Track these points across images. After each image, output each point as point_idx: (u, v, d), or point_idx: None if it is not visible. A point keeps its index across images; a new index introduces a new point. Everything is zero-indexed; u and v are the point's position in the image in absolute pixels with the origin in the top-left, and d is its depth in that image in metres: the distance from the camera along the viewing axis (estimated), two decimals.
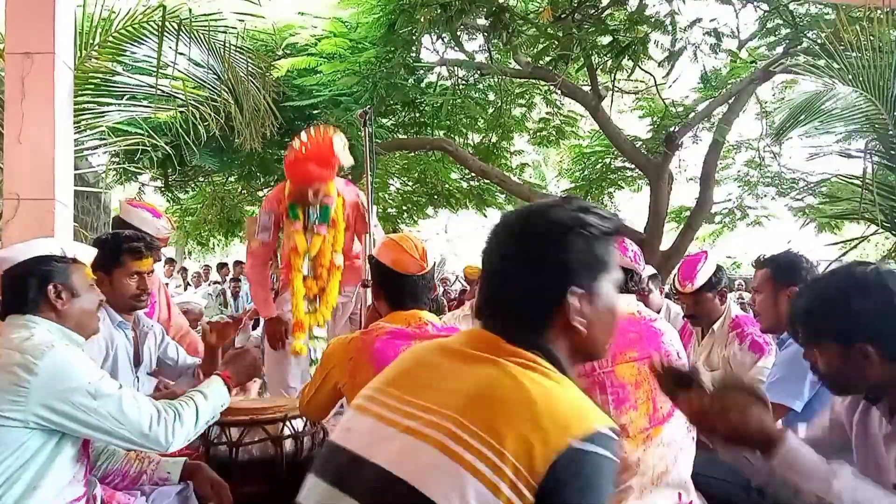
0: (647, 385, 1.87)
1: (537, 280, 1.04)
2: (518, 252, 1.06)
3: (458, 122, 9.00)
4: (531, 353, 1.01)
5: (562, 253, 1.04)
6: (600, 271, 1.07)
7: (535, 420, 0.91)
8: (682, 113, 8.23)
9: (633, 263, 1.98)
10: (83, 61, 4.20)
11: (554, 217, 1.06)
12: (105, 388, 1.61)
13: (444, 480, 0.90)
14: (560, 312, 1.03)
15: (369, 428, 1.02)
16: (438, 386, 1.00)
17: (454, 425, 0.93)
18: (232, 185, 10.65)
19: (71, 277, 1.76)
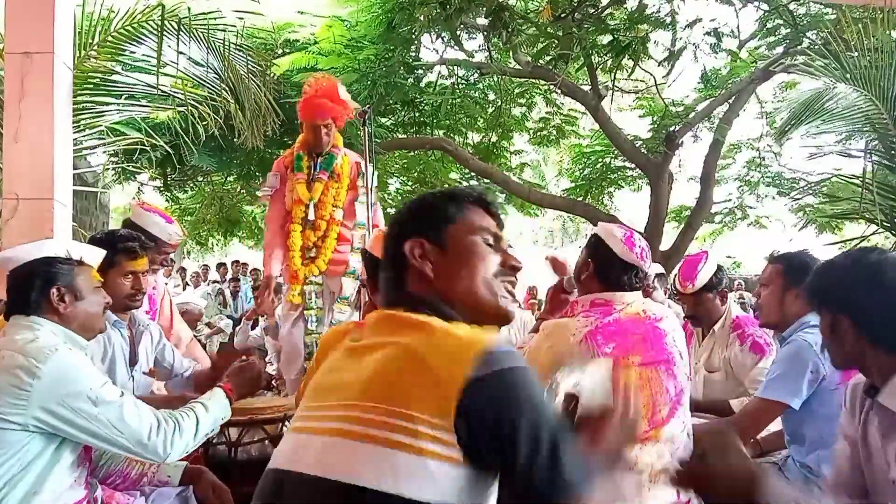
0: (649, 390, 1.86)
1: (389, 242, 1.19)
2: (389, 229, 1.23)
3: (457, 121, 9.00)
4: (405, 310, 1.08)
5: (406, 213, 1.22)
6: (445, 223, 1.16)
7: (427, 371, 0.94)
8: (683, 112, 8.23)
9: (639, 260, 1.96)
10: (82, 61, 4.19)
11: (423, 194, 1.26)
12: (107, 395, 1.60)
13: (369, 463, 0.91)
14: (409, 264, 1.14)
15: (290, 444, 1.06)
16: (338, 385, 1.04)
17: (359, 412, 0.95)
18: (231, 184, 10.65)
19: (75, 280, 1.75)
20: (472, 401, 0.90)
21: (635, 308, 1.93)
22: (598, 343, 1.84)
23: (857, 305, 1.41)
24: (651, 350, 1.88)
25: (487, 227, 1.19)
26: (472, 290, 1.13)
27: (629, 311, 1.91)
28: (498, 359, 0.93)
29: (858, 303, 1.41)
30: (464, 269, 1.14)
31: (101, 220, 9.20)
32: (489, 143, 9.66)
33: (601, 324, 1.87)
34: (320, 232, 3.49)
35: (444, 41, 7.81)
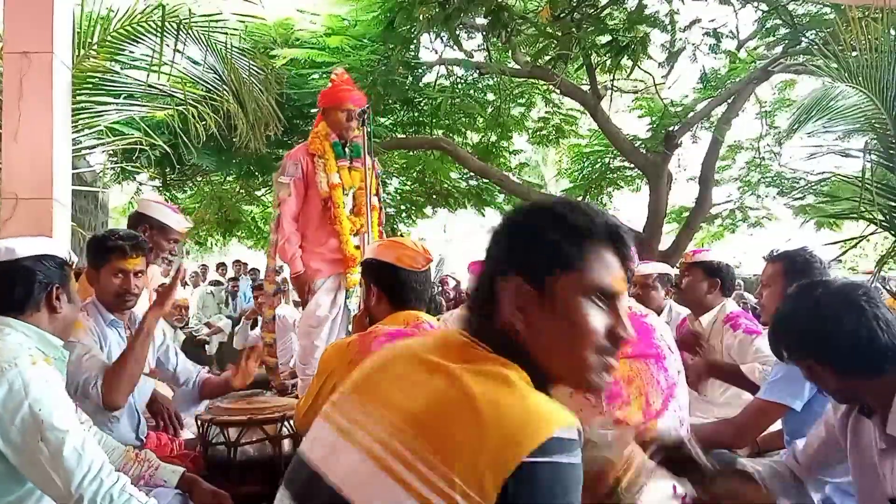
0: (640, 381, 1.87)
1: (485, 265, 1.01)
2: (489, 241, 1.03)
3: (456, 121, 9.00)
4: (482, 348, 0.96)
5: (505, 237, 0.99)
6: (557, 267, 0.95)
7: (484, 439, 0.84)
8: (682, 112, 8.23)
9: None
10: (81, 60, 4.19)
11: (532, 206, 1.02)
12: (56, 420, 1.48)
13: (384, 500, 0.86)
14: (498, 304, 0.97)
15: (327, 438, 0.98)
16: (390, 394, 0.95)
17: (400, 444, 0.88)
18: (230, 184, 10.64)
19: (69, 284, 1.74)
20: (518, 488, 0.82)
21: None
22: None
23: (815, 348, 1.43)
24: (640, 343, 1.90)
25: (607, 285, 0.97)
26: (564, 360, 0.98)
27: None
28: (559, 447, 0.85)
29: (814, 345, 1.43)
30: (563, 334, 0.97)
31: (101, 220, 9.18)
32: (488, 142, 9.66)
33: None
34: (363, 218, 3.47)
35: (444, 41, 7.81)
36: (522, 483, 0.82)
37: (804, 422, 2.12)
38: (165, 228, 2.91)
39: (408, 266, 2.08)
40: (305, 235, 3.51)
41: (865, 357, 1.36)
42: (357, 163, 3.49)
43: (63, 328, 1.73)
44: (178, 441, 2.58)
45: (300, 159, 3.49)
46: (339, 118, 3.47)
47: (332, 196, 3.44)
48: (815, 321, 1.41)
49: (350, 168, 3.51)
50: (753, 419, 2.23)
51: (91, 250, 2.31)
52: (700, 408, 2.96)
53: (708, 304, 3.04)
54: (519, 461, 0.82)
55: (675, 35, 6.89)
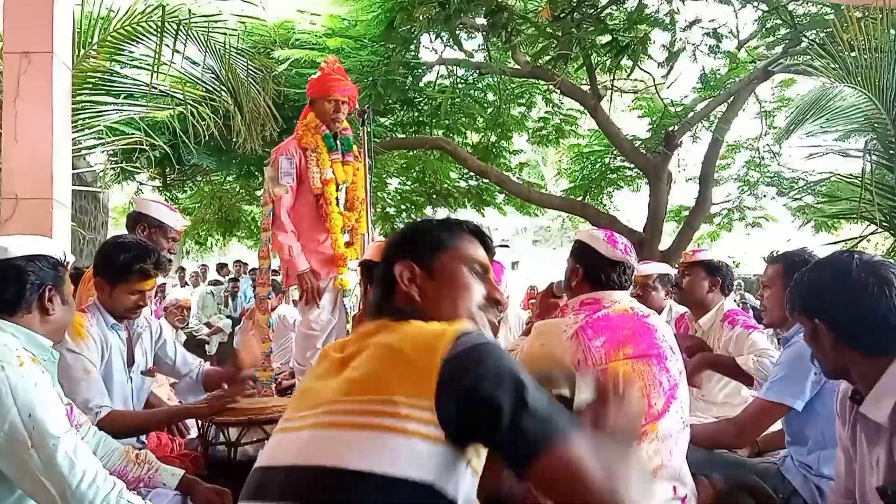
0: (641, 382, 1.88)
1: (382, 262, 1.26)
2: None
3: (456, 121, 9.00)
4: (386, 319, 1.14)
5: (401, 235, 1.29)
6: (437, 249, 1.22)
7: (406, 361, 0.99)
8: (682, 112, 8.23)
9: (624, 255, 2.00)
10: (81, 60, 4.19)
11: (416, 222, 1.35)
12: (48, 425, 1.44)
13: (355, 448, 0.95)
14: (396, 284, 1.20)
15: (276, 442, 1.09)
16: (324, 388, 1.07)
17: (344, 404, 1.00)
18: (230, 184, 10.64)
19: (63, 285, 1.68)
20: (450, 376, 0.95)
21: (623, 305, 1.97)
22: (589, 337, 1.87)
23: (828, 309, 1.42)
24: (641, 343, 1.91)
25: (477, 258, 1.24)
26: (454, 317, 1.15)
27: (618, 308, 1.96)
28: (469, 338, 1.00)
29: (830, 306, 1.42)
30: (449, 296, 1.20)
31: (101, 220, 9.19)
32: (488, 142, 9.66)
33: (591, 319, 1.91)
34: (356, 213, 3.43)
35: (444, 41, 7.81)
36: (451, 376, 0.95)
37: (805, 422, 2.13)
38: (164, 227, 2.91)
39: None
40: (300, 233, 3.42)
41: (874, 333, 1.36)
42: (349, 156, 3.44)
43: (55, 330, 1.67)
44: (178, 441, 2.58)
45: (293, 154, 3.39)
46: (327, 108, 3.40)
47: (324, 192, 3.37)
48: (841, 282, 1.41)
49: (343, 162, 3.44)
50: (754, 419, 2.23)
51: (108, 265, 2.24)
52: (699, 407, 2.96)
53: (708, 303, 3.05)
54: (440, 359, 0.97)
55: (675, 35, 6.89)
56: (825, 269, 1.47)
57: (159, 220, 2.90)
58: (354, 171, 3.41)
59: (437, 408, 0.94)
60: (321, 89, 3.43)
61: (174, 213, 3.01)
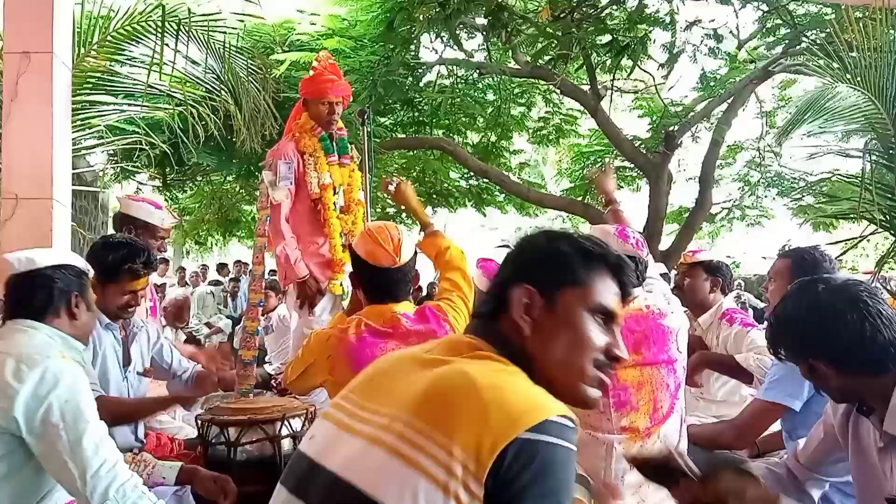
0: (650, 386, 1.87)
1: (500, 275, 1.11)
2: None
3: (457, 121, 9.00)
4: (486, 343, 1.04)
5: (524, 252, 1.12)
6: (565, 282, 1.07)
7: (484, 413, 0.89)
8: (682, 112, 8.23)
9: (636, 249, 1.96)
10: (81, 60, 4.19)
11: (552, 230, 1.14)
12: (83, 411, 1.57)
13: (395, 483, 0.89)
14: (508, 307, 1.06)
15: (327, 433, 1.03)
16: (392, 390, 1.00)
17: (403, 426, 0.92)
18: (230, 183, 10.64)
19: (87, 292, 1.83)
20: (513, 455, 0.87)
21: (637, 303, 1.93)
22: None
23: (814, 347, 1.40)
24: (653, 347, 1.89)
25: (609, 305, 1.09)
26: (562, 366, 1.05)
27: (631, 308, 1.91)
28: (554, 429, 0.90)
29: (814, 345, 1.40)
30: (564, 341, 1.06)
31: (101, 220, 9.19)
32: (488, 142, 9.66)
33: None
34: (352, 216, 3.39)
35: (444, 41, 7.81)
36: (518, 456, 0.86)
37: (803, 422, 2.13)
38: (150, 227, 2.89)
39: (375, 263, 2.07)
40: (298, 237, 3.36)
41: (868, 354, 1.34)
42: (345, 158, 3.39)
43: (82, 333, 1.81)
44: (177, 441, 2.58)
45: (291, 158, 3.32)
46: (321, 110, 3.32)
47: (322, 197, 3.31)
48: (816, 318, 1.38)
49: (339, 164, 3.39)
50: (753, 420, 2.23)
51: (100, 265, 2.25)
52: (699, 406, 2.97)
53: (709, 303, 3.05)
54: (516, 435, 0.86)
55: (675, 35, 6.89)
56: (795, 310, 1.44)
57: (144, 220, 2.87)
58: (350, 173, 3.37)
59: (486, 483, 0.86)
60: (315, 91, 3.34)
61: (160, 210, 2.97)
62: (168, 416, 2.86)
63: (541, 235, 1.14)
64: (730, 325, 2.91)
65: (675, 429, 1.89)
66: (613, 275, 1.11)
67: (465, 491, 0.86)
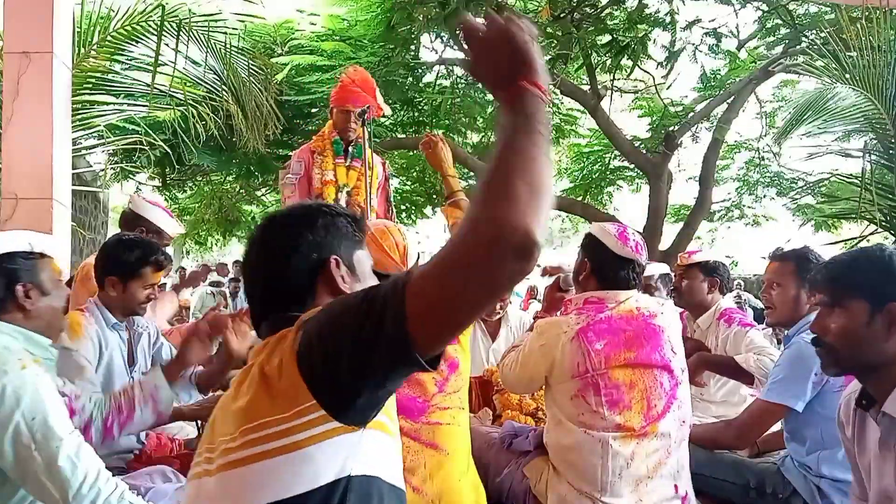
0: (642, 385, 1.87)
1: (294, 258, 1.08)
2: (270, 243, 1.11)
3: (456, 120, 9.00)
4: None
5: (311, 230, 1.10)
6: (354, 247, 1.14)
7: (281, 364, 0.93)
8: (682, 112, 8.23)
9: (635, 253, 1.96)
10: (81, 60, 4.19)
11: (294, 210, 1.16)
12: (53, 428, 1.43)
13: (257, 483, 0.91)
14: (323, 282, 1.08)
15: (191, 492, 1.03)
16: (223, 416, 1.01)
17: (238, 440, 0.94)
18: (230, 183, 10.64)
19: (40, 275, 1.61)
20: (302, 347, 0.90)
21: (629, 305, 1.94)
22: (590, 339, 1.86)
23: (875, 289, 1.38)
24: (644, 347, 1.89)
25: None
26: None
27: (622, 309, 1.93)
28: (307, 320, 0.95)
29: (877, 286, 1.38)
30: None
31: (101, 220, 9.19)
32: (488, 142, 9.65)
33: (593, 321, 1.89)
34: None
35: (444, 41, 7.81)
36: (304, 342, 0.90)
37: (805, 422, 2.12)
38: (161, 234, 2.90)
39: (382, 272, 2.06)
40: None
41: None
42: (356, 162, 3.50)
43: (47, 324, 1.63)
44: (178, 441, 2.58)
45: (303, 157, 3.53)
46: (340, 118, 3.50)
47: (322, 192, 3.46)
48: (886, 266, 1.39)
49: (348, 167, 3.53)
50: (755, 420, 2.23)
51: (120, 263, 2.22)
52: (698, 407, 2.96)
53: (708, 304, 3.04)
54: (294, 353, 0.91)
55: (675, 35, 6.89)
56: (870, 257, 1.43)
57: (157, 225, 2.88)
58: (359, 176, 3.46)
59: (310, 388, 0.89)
60: (336, 99, 3.54)
61: (172, 219, 3.00)
62: None
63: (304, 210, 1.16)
64: (728, 326, 2.90)
65: (674, 429, 1.89)
66: None
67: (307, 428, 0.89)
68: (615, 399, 1.84)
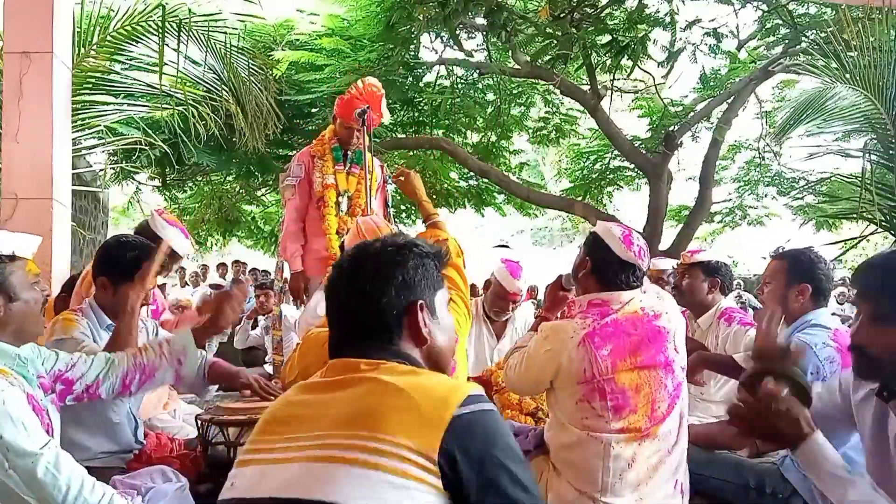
0: (648, 388, 1.87)
1: (385, 298, 1.14)
2: (363, 280, 1.15)
3: (456, 121, 9.00)
4: (391, 362, 1.10)
5: (403, 271, 1.16)
6: (436, 288, 1.20)
7: (416, 408, 0.99)
8: (681, 112, 8.24)
9: (637, 258, 1.96)
10: (81, 60, 4.19)
11: (385, 244, 1.19)
12: (23, 443, 1.37)
13: (349, 484, 0.94)
14: (407, 325, 1.15)
15: (251, 475, 1.04)
16: (315, 415, 1.05)
17: (342, 438, 0.98)
18: (230, 183, 10.64)
19: (8, 279, 1.53)
20: (458, 435, 0.97)
21: (633, 306, 1.93)
22: (596, 345, 1.84)
23: None
24: (650, 349, 1.89)
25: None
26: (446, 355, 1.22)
27: (627, 311, 1.92)
28: (477, 400, 1.02)
29: None
30: (447, 338, 1.21)
31: (101, 220, 9.20)
32: (488, 142, 9.66)
33: (598, 325, 1.87)
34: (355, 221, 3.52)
35: (443, 41, 7.82)
36: (460, 432, 0.97)
37: None
38: (174, 256, 2.92)
39: None
40: (307, 236, 3.59)
41: None
42: (356, 168, 3.57)
43: (17, 331, 1.55)
44: (178, 441, 2.58)
45: (303, 161, 3.59)
46: (343, 132, 3.57)
47: (323, 196, 3.53)
48: None
49: (348, 173, 3.59)
50: None
51: (115, 264, 2.22)
52: (698, 407, 2.96)
53: (708, 304, 3.05)
54: (451, 414, 0.98)
55: (675, 35, 6.90)
56: None
57: (172, 248, 2.89)
58: (359, 182, 3.50)
59: (439, 463, 0.95)
60: (340, 112, 3.58)
61: (186, 240, 3.02)
62: (168, 415, 2.86)
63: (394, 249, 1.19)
64: (728, 325, 2.90)
65: (674, 427, 1.89)
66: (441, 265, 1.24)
67: (419, 469, 0.94)
68: (621, 404, 1.83)
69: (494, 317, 3.54)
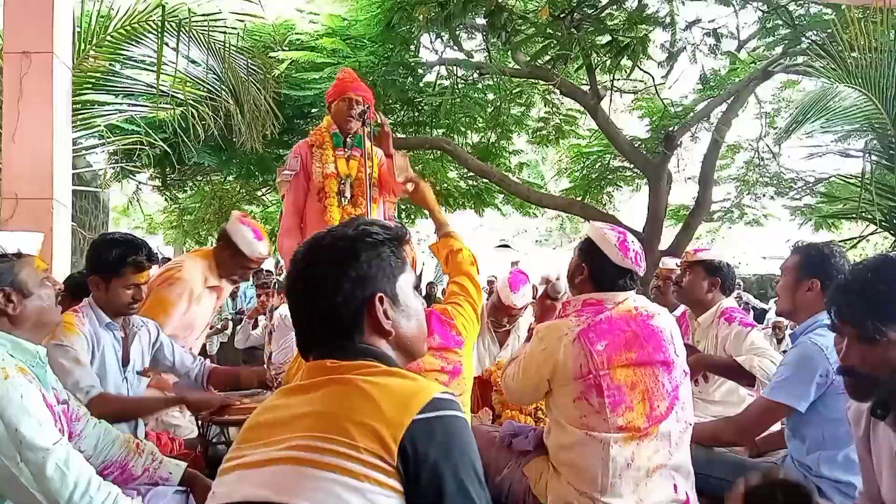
0: (643, 385, 1.87)
1: (340, 297, 1.10)
2: (315, 279, 1.11)
3: (456, 121, 8.99)
4: (358, 359, 1.08)
5: (356, 266, 1.11)
6: (396, 274, 1.14)
7: (377, 410, 0.98)
8: (681, 113, 8.24)
9: (634, 265, 1.96)
10: (81, 60, 4.19)
11: (335, 238, 1.14)
12: (37, 438, 1.41)
13: (314, 489, 0.94)
14: (368, 320, 1.11)
15: (231, 480, 1.05)
16: (288, 418, 1.04)
17: (308, 440, 0.98)
18: (230, 183, 10.64)
19: (19, 276, 1.57)
20: (416, 438, 0.96)
21: (627, 305, 1.94)
22: (591, 341, 1.85)
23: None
24: (645, 347, 1.89)
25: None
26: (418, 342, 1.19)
27: (621, 309, 1.93)
28: (441, 404, 1.00)
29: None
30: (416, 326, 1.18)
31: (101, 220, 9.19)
32: (488, 142, 9.66)
33: (593, 322, 1.88)
34: (360, 209, 3.39)
35: (444, 41, 7.81)
36: (419, 436, 0.97)
37: (806, 422, 2.12)
38: (240, 255, 2.96)
39: None
40: (308, 229, 3.44)
41: None
42: (356, 152, 3.43)
43: (35, 327, 1.59)
44: (178, 441, 2.58)
45: (300, 153, 3.45)
46: (341, 107, 3.41)
47: (324, 186, 3.40)
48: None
49: (349, 157, 3.45)
50: (757, 418, 2.22)
51: (102, 262, 2.24)
52: (698, 406, 2.96)
53: (708, 303, 3.05)
54: (411, 419, 0.97)
55: (675, 35, 6.90)
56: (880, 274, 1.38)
57: (238, 247, 2.95)
58: (359, 167, 3.43)
59: (398, 465, 0.95)
60: (335, 92, 3.48)
61: (259, 242, 3.03)
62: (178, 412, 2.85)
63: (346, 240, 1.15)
64: (728, 325, 2.90)
65: (676, 429, 1.89)
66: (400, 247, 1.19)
67: (378, 472, 0.95)
68: (617, 400, 1.84)
69: (496, 327, 3.50)
